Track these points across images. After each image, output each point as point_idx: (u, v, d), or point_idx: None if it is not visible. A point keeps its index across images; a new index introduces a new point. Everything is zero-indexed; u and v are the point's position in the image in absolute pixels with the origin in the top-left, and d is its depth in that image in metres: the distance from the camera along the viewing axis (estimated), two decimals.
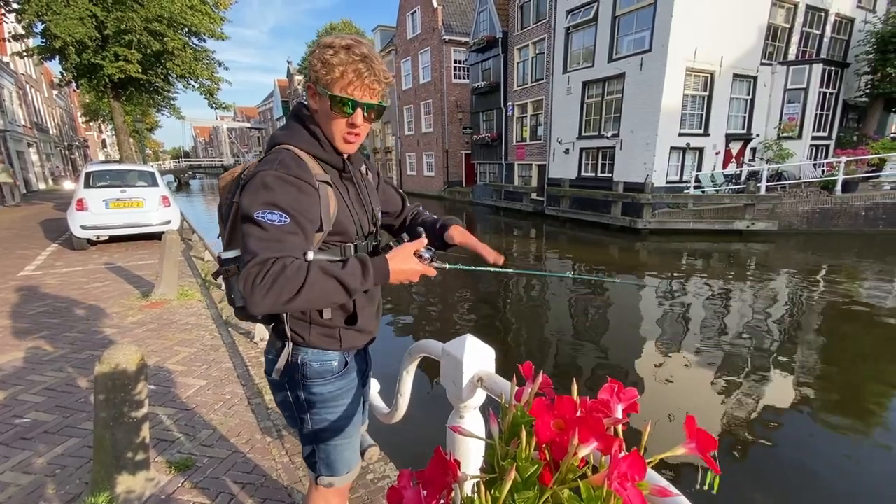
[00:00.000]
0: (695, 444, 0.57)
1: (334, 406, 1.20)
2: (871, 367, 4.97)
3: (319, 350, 1.16)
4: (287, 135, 1.09)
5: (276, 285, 0.87)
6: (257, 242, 0.91)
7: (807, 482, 3.21)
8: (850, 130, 15.85)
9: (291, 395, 1.19)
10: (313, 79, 1.04)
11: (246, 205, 0.96)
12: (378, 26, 30.42)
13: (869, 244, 10.61)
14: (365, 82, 1.01)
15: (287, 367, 1.16)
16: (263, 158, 1.07)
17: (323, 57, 1.00)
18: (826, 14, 14.46)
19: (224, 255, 1.13)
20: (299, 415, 1.21)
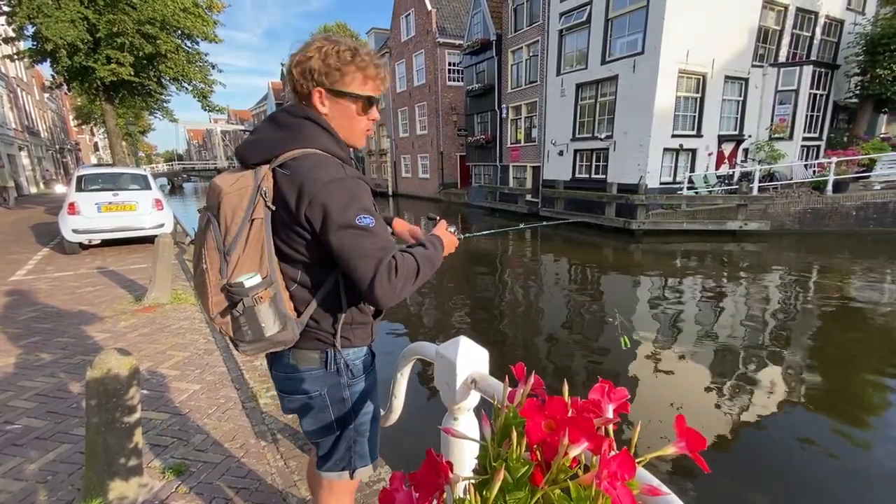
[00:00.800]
0: (684, 442, 0.57)
1: (371, 397, 1.25)
2: (863, 366, 5.02)
3: (357, 347, 1.18)
4: (309, 138, 1.05)
5: (408, 276, 0.99)
6: (373, 245, 0.97)
7: (798, 480, 3.24)
8: (841, 131, 16.03)
9: (332, 401, 1.17)
10: (324, 81, 1.05)
11: (338, 213, 0.95)
12: (372, 29, 30.45)
13: (860, 243, 10.73)
14: (381, 76, 1.09)
15: (328, 374, 1.15)
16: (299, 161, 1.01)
17: (343, 58, 1.03)
18: (816, 16, 14.63)
19: (249, 281, 1.00)
20: (342, 417, 1.20)
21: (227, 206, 1.01)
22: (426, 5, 22.55)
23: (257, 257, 1.01)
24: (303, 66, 1.05)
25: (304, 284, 1.08)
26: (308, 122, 1.06)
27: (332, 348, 1.13)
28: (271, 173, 1.02)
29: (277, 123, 1.09)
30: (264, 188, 1.01)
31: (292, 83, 1.08)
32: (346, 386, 1.17)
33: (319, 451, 1.27)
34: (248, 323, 1.02)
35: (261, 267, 1.02)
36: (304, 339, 1.10)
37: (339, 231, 0.96)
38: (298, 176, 0.98)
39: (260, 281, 1.01)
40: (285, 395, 1.20)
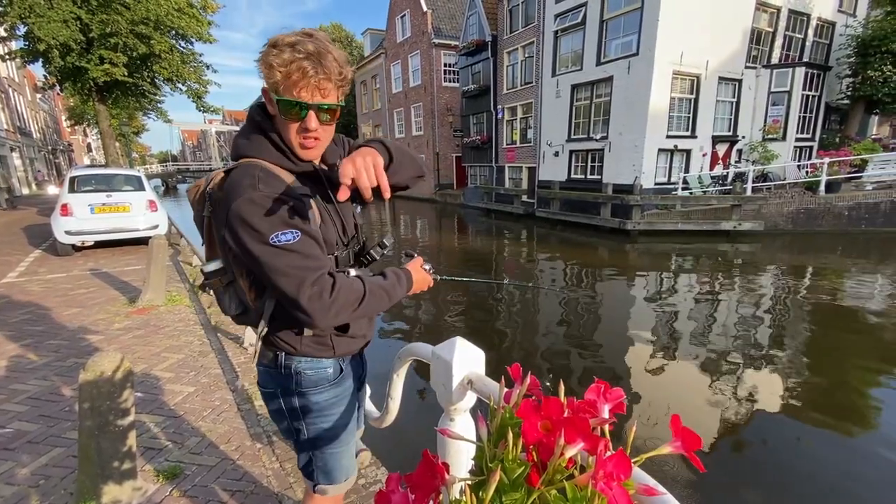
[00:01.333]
0: (680, 442, 0.58)
1: (330, 414, 1.18)
2: (856, 364, 5.06)
3: (313, 358, 1.14)
4: (249, 146, 1.02)
5: (347, 301, 0.95)
6: (292, 263, 0.90)
7: (792, 479, 3.26)
8: (833, 132, 16.18)
9: (286, 406, 1.17)
10: (265, 82, 0.96)
11: (252, 236, 0.90)
12: (367, 29, 30.46)
13: (852, 243, 10.83)
14: (312, 81, 0.92)
15: (280, 376, 1.15)
16: (233, 172, 0.99)
17: (267, 59, 0.91)
18: (808, 18, 14.77)
19: (206, 267, 1.12)
20: (294, 424, 1.19)
21: (194, 202, 1.13)
22: (422, 6, 22.56)
23: (216, 248, 1.11)
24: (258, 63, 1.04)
25: (258, 283, 1.07)
26: (252, 128, 1.05)
27: (283, 352, 1.13)
28: (223, 175, 1.04)
29: (242, 128, 1.09)
30: (210, 189, 1.06)
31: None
32: (295, 394, 1.15)
33: (297, 454, 1.28)
34: (219, 301, 1.15)
35: (215, 255, 1.12)
36: (266, 337, 1.12)
37: (256, 248, 0.90)
38: (225, 193, 0.99)
39: (216, 269, 1.11)
40: (259, 387, 1.23)
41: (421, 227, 17.65)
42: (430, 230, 16.54)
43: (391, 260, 1.36)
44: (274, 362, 1.15)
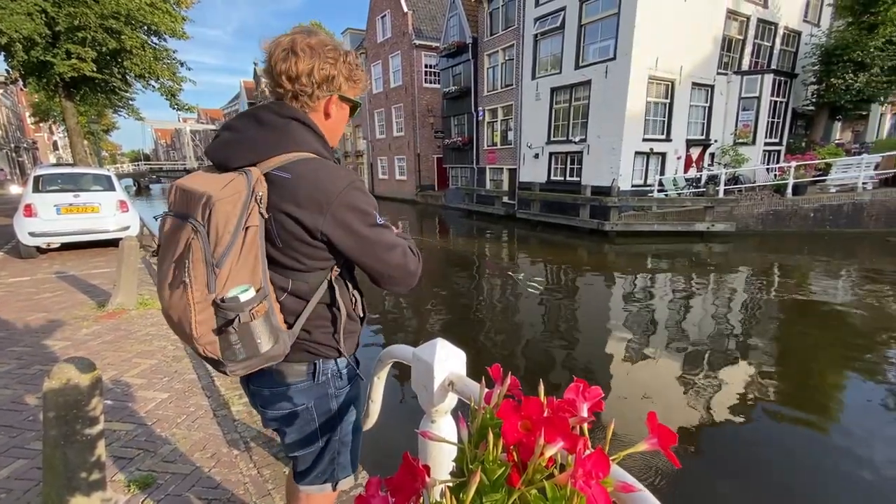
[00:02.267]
0: (656, 439, 0.58)
1: (356, 406, 1.24)
2: (822, 358, 5.27)
3: (345, 357, 1.16)
4: (301, 141, 1.01)
5: (419, 259, 1.11)
6: (395, 237, 1.06)
7: (764, 470, 3.37)
8: (799, 137, 16.84)
9: (321, 414, 1.14)
10: (340, 87, 1.06)
11: (363, 216, 0.99)
12: (347, 29, 30.19)
13: (818, 243, 11.28)
14: (366, 80, 1.14)
15: (316, 386, 1.12)
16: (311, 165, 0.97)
17: (358, 67, 1.08)
18: (776, 27, 15.34)
19: (243, 294, 0.91)
20: (325, 429, 1.17)
21: (220, 213, 0.89)
22: (402, 7, 22.51)
23: (250, 268, 0.93)
24: (323, 71, 1.01)
25: (295, 294, 1.04)
26: (297, 122, 1.01)
27: (322, 359, 1.10)
28: (263, 177, 0.95)
29: (262, 123, 1.00)
30: (259, 193, 0.93)
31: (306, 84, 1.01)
32: (333, 397, 1.15)
33: (300, 465, 1.22)
34: (241, 340, 0.93)
35: (254, 278, 0.94)
36: (292, 351, 1.04)
37: (366, 231, 0.99)
38: (308, 181, 0.95)
39: (255, 294, 0.93)
40: (268, 409, 1.13)
41: (402, 228, 17.55)
42: (412, 231, 16.49)
43: None
44: (307, 374, 1.11)
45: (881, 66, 13.62)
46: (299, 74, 0.99)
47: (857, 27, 13.81)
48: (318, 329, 1.08)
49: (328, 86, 1.03)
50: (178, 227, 0.94)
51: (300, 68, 0.99)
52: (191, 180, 0.99)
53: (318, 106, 1.05)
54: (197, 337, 0.92)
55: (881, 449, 3.53)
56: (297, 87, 1.01)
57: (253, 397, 1.17)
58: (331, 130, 1.09)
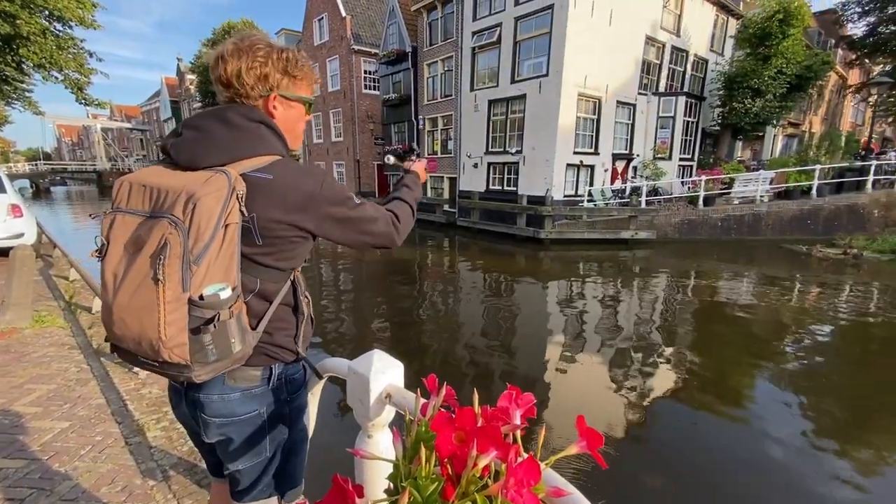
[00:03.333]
0: (585, 441, 0.60)
1: (306, 412, 1.23)
2: (731, 353, 5.84)
3: (297, 363, 1.16)
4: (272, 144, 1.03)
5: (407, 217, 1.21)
6: (373, 210, 1.11)
7: (685, 460, 3.65)
8: (708, 154, 18.68)
9: (273, 421, 1.10)
10: (278, 85, 1.05)
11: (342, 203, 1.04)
12: (282, 29, 29.17)
13: (725, 249, 12.54)
14: (317, 79, 1.19)
15: (269, 392, 1.09)
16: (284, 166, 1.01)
17: (295, 64, 1.08)
18: (687, 54, 16.98)
19: (222, 292, 0.89)
20: (276, 437, 1.12)
21: (204, 209, 0.86)
22: (340, 11, 22.15)
23: (225, 267, 0.91)
24: (256, 70, 1.01)
25: (261, 295, 1.03)
26: (265, 127, 1.02)
27: (278, 363, 1.09)
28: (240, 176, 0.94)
29: (231, 124, 0.98)
30: (239, 191, 0.92)
31: (241, 87, 1.02)
32: (286, 402, 1.13)
33: (244, 480, 1.12)
34: (215, 341, 0.89)
35: (228, 277, 0.91)
36: (261, 351, 1.05)
37: (351, 214, 1.05)
38: (288, 181, 0.98)
39: (230, 294, 0.91)
40: (215, 418, 1.05)
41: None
42: None
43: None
44: (262, 379, 1.07)
45: (774, 93, 15.51)
46: (230, 77, 1.00)
47: (754, 58, 15.63)
48: (279, 331, 1.07)
49: (263, 85, 1.02)
50: (143, 224, 0.90)
51: (229, 71, 0.99)
52: (156, 177, 0.94)
53: (259, 107, 1.05)
54: (165, 339, 0.86)
55: (784, 432, 3.96)
56: (233, 91, 1.02)
57: (195, 407, 1.05)
58: (285, 131, 1.08)
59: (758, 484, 3.32)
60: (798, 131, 25.72)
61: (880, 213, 12.82)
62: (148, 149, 57.40)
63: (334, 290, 9.22)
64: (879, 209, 12.83)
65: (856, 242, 11.76)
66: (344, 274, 10.84)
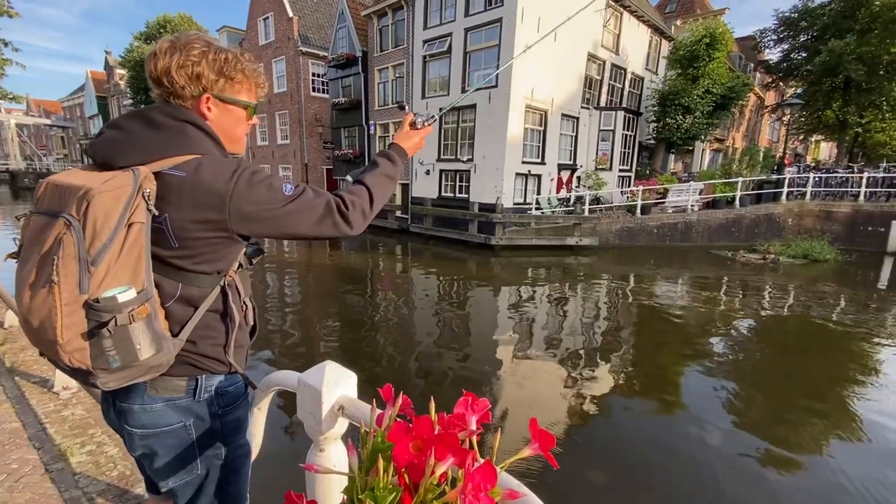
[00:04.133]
0: (538, 443, 0.63)
1: (245, 428, 1.16)
2: (669, 352, 6.23)
3: (231, 374, 1.09)
4: (198, 143, 0.98)
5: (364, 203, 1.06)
6: (312, 197, 1.00)
7: (629, 453, 3.84)
8: (645, 165, 19.93)
9: (201, 436, 1.04)
10: (215, 88, 1.02)
11: (271, 194, 0.95)
12: (224, 27, 27.85)
13: (660, 255, 13.40)
14: (263, 84, 1.12)
15: (196, 404, 1.03)
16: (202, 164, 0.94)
17: (235, 66, 1.03)
18: (625, 72, 18.10)
19: (121, 295, 0.83)
20: (208, 454, 1.06)
21: (98, 207, 0.83)
22: (287, 11, 21.56)
23: (131, 268, 0.86)
24: (188, 69, 0.97)
25: (184, 300, 0.98)
26: (192, 126, 0.98)
27: (206, 374, 1.03)
28: (153, 176, 0.90)
29: (154, 124, 0.96)
30: (147, 190, 0.88)
31: (170, 86, 0.98)
32: (216, 416, 1.06)
33: (179, 500, 1.08)
34: (116, 346, 0.84)
35: (135, 279, 0.86)
36: (173, 364, 0.97)
37: (277, 210, 0.95)
38: (205, 175, 0.92)
39: (136, 295, 0.86)
40: (136, 429, 1.00)
41: (288, 242, 16.58)
42: (299, 245, 15.63)
43: None
44: (187, 390, 1.02)
45: (702, 110, 16.85)
46: (160, 75, 0.97)
47: (684, 78, 16.93)
48: (205, 340, 1.01)
49: (195, 85, 0.99)
50: (46, 224, 0.87)
51: (160, 68, 0.97)
52: (67, 176, 0.92)
53: (192, 106, 1.01)
54: (62, 343, 0.82)
55: (716, 423, 4.27)
56: (163, 89, 0.99)
57: (119, 416, 1.02)
58: (220, 132, 1.04)
59: (690, 473, 3.56)
60: (723, 146, 28.09)
61: (794, 222, 14.26)
62: (70, 147, 52.61)
63: (280, 300, 8.88)
64: (793, 218, 14.27)
65: (773, 248, 13.00)
66: (290, 281, 10.48)
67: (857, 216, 13.56)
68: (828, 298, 8.98)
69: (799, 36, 20.40)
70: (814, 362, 5.97)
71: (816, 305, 8.43)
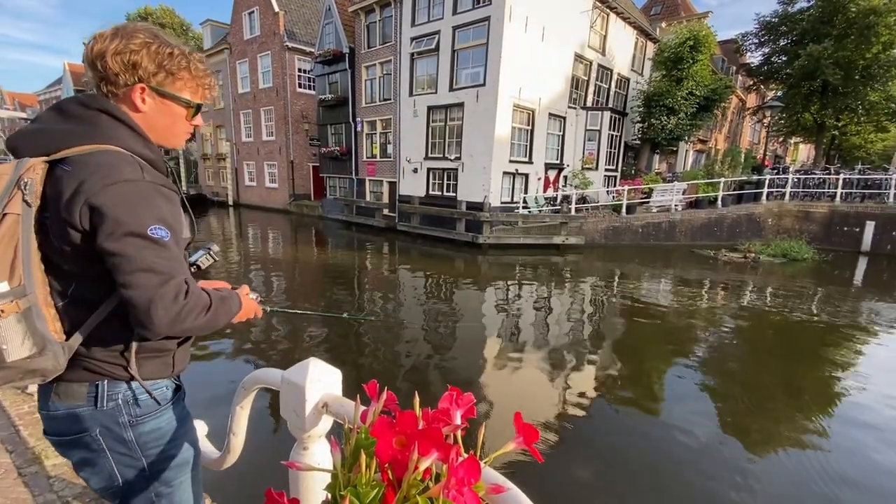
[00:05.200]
0: (522, 437, 0.63)
1: (175, 437, 1.06)
2: (652, 350, 6.32)
3: (148, 380, 1.01)
4: (108, 134, 0.92)
5: (199, 308, 0.90)
6: (162, 259, 0.86)
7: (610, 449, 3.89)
8: (630, 165, 20.19)
9: (111, 447, 0.98)
10: (151, 80, 0.97)
11: (125, 218, 0.84)
12: (208, 20, 27.41)
13: (644, 254, 13.59)
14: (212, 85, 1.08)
15: (100, 413, 0.96)
16: (95, 157, 0.87)
17: (178, 63, 0.99)
18: (611, 73, 18.29)
19: None
20: (125, 466, 0.99)
21: None
22: (273, 6, 21.27)
23: (7, 262, 0.83)
24: (125, 57, 0.93)
25: (78, 301, 0.92)
26: (106, 115, 0.93)
27: (107, 380, 0.96)
28: (43, 166, 0.87)
29: (65, 114, 0.93)
30: (26, 180, 0.85)
31: (103, 70, 0.94)
32: (127, 426, 0.98)
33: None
34: None
35: (11, 274, 0.83)
36: (71, 369, 0.92)
37: (122, 238, 0.83)
38: (82, 172, 0.85)
39: (7, 290, 0.82)
40: (50, 437, 1.00)
41: (274, 239, 16.37)
42: (285, 243, 15.46)
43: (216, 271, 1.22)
44: (87, 398, 0.95)
45: (686, 111, 17.13)
46: (94, 58, 0.93)
47: (669, 79, 17.18)
48: (100, 344, 0.94)
49: (130, 74, 0.94)
50: None
51: (95, 51, 0.93)
52: None
53: (124, 95, 0.96)
54: None
55: (700, 420, 4.35)
56: (96, 74, 0.95)
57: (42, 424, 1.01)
58: (151, 128, 0.99)
59: (674, 471, 3.62)
60: (706, 147, 28.61)
61: (773, 222, 14.59)
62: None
63: (264, 296, 8.77)
64: (772, 218, 14.60)
65: (754, 248, 13.28)
66: (275, 279, 10.35)
67: (833, 216, 13.94)
68: (806, 296, 9.22)
69: (779, 40, 20.88)
70: (794, 357, 6.12)
71: (795, 302, 8.64)
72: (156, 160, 0.98)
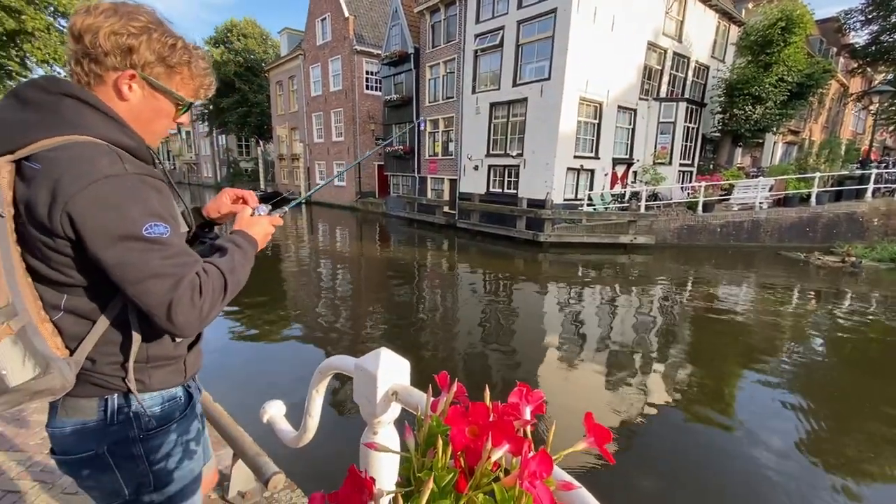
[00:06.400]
0: (593, 438, 0.62)
1: (186, 450, 1.00)
2: (728, 361, 5.86)
3: (157, 392, 0.95)
4: (75, 122, 0.80)
5: (216, 296, 0.84)
6: (167, 260, 0.79)
7: (679, 461, 3.66)
8: (708, 160, 18.76)
9: (121, 462, 0.92)
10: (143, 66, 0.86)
11: (114, 221, 0.75)
12: (285, 29, 29.26)
13: (723, 256, 12.58)
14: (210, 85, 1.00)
15: (110, 429, 0.90)
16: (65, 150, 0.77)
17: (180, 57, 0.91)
18: (688, 60, 17.06)
19: None
20: (134, 482, 0.94)
21: None
22: (343, 12, 22.22)
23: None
24: (121, 38, 0.83)
25: (74, 312, 0.84)
26: (71, 99, 0.81)
27: (117, 394, 0.90)
28: (10, 167, 0.76)
29: (23, 101, 0.80)
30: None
31: (90, 47, 0.82)
32: (137, 441, 0.92)
33: None
34: None
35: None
36: (77, 384, 0.86)
37: (117, 245, 0.76)
38: (55, 171, 0.74)
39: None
40: (58, 456, 0.93)
41: (342, 235, 17.17)
42: (352, 238, 16.15)
43: None
44: (98, 412, 0.90)
45: (774, 100, 15.59)
46: (83, 32, 0.81)
47: (756, 65, 15.71)
48: (108, 357, 0.87)
49: (123, 57, 0.84)
50: None
51: (85, 24, 0.81)
52: None
53: (108, 78, 0.85)
54: None
55: (778, 442, 3.98)
56: (81, 47, 0.82)
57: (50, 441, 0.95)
58: (135, 119, 0.89)
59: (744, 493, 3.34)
60: (798, 139, 25.84)
61: (880, 222, 12.87)
62: None
63: (332, 291, 9.23)
64: (879, 217, 12.88)
65: (854, 250, 11.81)
66: (342, 273, 10.86)
67: None
68: None
69: (890, 16, 18.30)
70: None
71: None
72: (136, 147, 0.87)
